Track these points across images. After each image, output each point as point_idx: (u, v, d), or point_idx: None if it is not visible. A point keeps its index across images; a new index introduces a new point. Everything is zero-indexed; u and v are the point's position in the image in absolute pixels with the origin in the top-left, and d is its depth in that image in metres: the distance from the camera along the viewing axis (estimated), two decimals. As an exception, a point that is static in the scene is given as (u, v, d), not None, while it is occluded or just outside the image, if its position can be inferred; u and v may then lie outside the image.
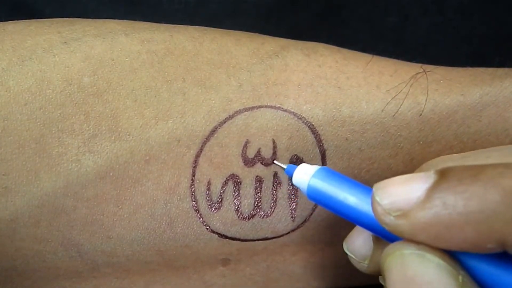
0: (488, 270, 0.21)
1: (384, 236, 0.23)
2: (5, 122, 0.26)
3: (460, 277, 0.21)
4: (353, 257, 0.27)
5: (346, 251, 0.27)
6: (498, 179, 0.20)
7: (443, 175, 0.21)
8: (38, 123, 0.27)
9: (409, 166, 0.29)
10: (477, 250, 0.20)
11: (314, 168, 0.25)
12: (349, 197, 0.24)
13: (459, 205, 0.20)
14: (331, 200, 0.24)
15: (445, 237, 0.20)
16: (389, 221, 0.21)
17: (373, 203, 0.22)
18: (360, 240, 0.27)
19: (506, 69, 0.30)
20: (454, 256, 0.21)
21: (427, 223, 0.20)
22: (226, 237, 0.29)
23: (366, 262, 0.27)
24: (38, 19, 0.30)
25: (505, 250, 0.20)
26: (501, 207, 0.19)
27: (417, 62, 0.31)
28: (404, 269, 0.21)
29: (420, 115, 0.29)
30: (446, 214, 0.20)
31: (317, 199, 0.25)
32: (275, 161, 0.28)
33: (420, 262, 0.21)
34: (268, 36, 0.31)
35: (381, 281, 0.27)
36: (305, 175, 0.25)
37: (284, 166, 0.27)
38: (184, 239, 0.29)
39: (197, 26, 0.31)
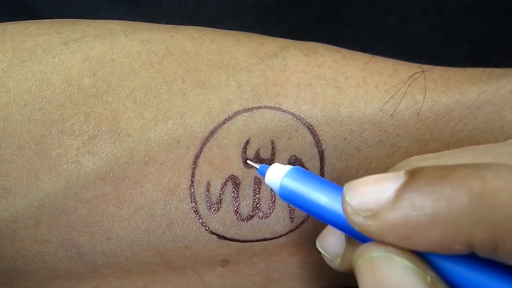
0: (457, 271, 0.21)
1: (355, 236, 0.23)
2: (5, 123, 0.26)
3: (429, 278, 0.21)
4: (326, 255, 0.27)
5: (319, 248, 0.27)
6: (466, 180, 0.20)
7: (412, 175, 0.21)
8: (38, 124, 0.27)
9: None
10: (445, 251, 0.20)
11: (286, 168, 0.25)
12: (321, 197, 0.24)
13: (427, 206, 0.20)
14: (302, 200, 0.24)
15: (414, 238, 0.20)
16: (359, 222, 0.21)
17: (343, 203, 0.22)
18: (332, 238, 0.27)
19: (504, 69, 0.30)
20: (424, 257, 0.21)
21: (396, 224, 0.20)
22: (225, 238, 0.29)
23: (338, 261, 0.27)
24: (38, 20, 0.30)
25: (473, 251, 0.20)
26: (468, 209, 0.19)
27: (417, 62, 0.31)
28: (373, 272, 0.21)
29: (418, 114, 0.29)
30: (414, 215, 0.20)
31: (289, 199, 0.25)
32: (248, 161, 0.28)
33: (388, 264, 0.21)
34: (267, 36, 0.31)
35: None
36: (277, 175, 0.25)
37: (257, 166, 0.27)
38: (183, 240, 0.29)
39: (196, 27, 0.31)
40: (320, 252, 0.27)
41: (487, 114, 0.29)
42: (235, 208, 0.29)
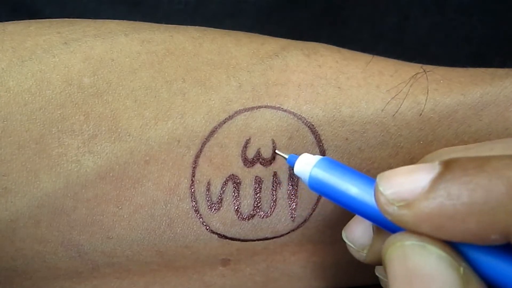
0: (491, 262, 0.21)
1: (385, 227, 0.23)
2: (5, 122, 0.26)
3: (462, 269, 0.20)
4: (352, 246, 0.27)
5: (345, 239, 0.27)
6: (503, 171, 0.20)
7: (447, 166, 0.21)
8: (38, 124, 0.27)
9: None
10: (481, 241, 0.20)
11: (316, 158, 0.25)
12: (351, 187, 0.24)
13: (464, 195, 0.20)
14: (332, 190, 0.24)
15: (449, 228, 0.20)
16: (392, 211, 0.21)
17: (376, 193, 0.22)
18: (359, 229, 0.27)
19: (506, 69, 0.30)
20: (457, 248, 0.21)
21: (431, 213, 0.20)
22: (226, 237, 0.29)
23: (364, 252, 0.27)
24: (38, 20, 0.30)
25: (508, 242, 0.20)
26: (505, 199, 0.19)
27: (417, 62, 0.31)
28: (405, 260, 0.21)
29: (420, 114, 0.29)
30: (450, 205, 0.20)
31: (319, 189, 0.25)
32: (276, 151, 0.28)
33: (421, 253, 0.21)
34: (268, 36, 0.31)
35: (376, 273, 0.27)
36: (306, 165, 0.25)
37: (286, 156, 0.27)
38: (184, 240, 0.29)
39: (197, 27, 0.31)
40: (346, 243, 0.27)
41: (491, 115, 0.29)
42: (236, 207, 0.29)
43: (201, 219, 0.28)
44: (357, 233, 0.27)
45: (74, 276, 0.29)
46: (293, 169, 0.26)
